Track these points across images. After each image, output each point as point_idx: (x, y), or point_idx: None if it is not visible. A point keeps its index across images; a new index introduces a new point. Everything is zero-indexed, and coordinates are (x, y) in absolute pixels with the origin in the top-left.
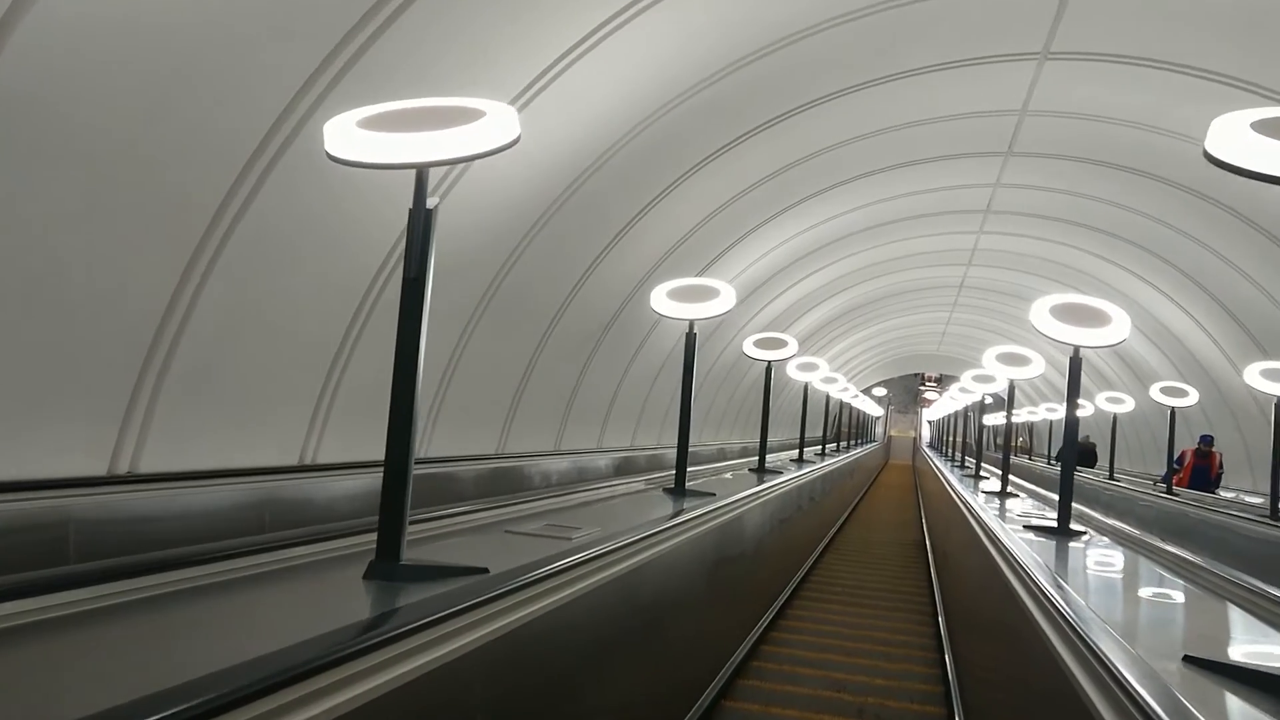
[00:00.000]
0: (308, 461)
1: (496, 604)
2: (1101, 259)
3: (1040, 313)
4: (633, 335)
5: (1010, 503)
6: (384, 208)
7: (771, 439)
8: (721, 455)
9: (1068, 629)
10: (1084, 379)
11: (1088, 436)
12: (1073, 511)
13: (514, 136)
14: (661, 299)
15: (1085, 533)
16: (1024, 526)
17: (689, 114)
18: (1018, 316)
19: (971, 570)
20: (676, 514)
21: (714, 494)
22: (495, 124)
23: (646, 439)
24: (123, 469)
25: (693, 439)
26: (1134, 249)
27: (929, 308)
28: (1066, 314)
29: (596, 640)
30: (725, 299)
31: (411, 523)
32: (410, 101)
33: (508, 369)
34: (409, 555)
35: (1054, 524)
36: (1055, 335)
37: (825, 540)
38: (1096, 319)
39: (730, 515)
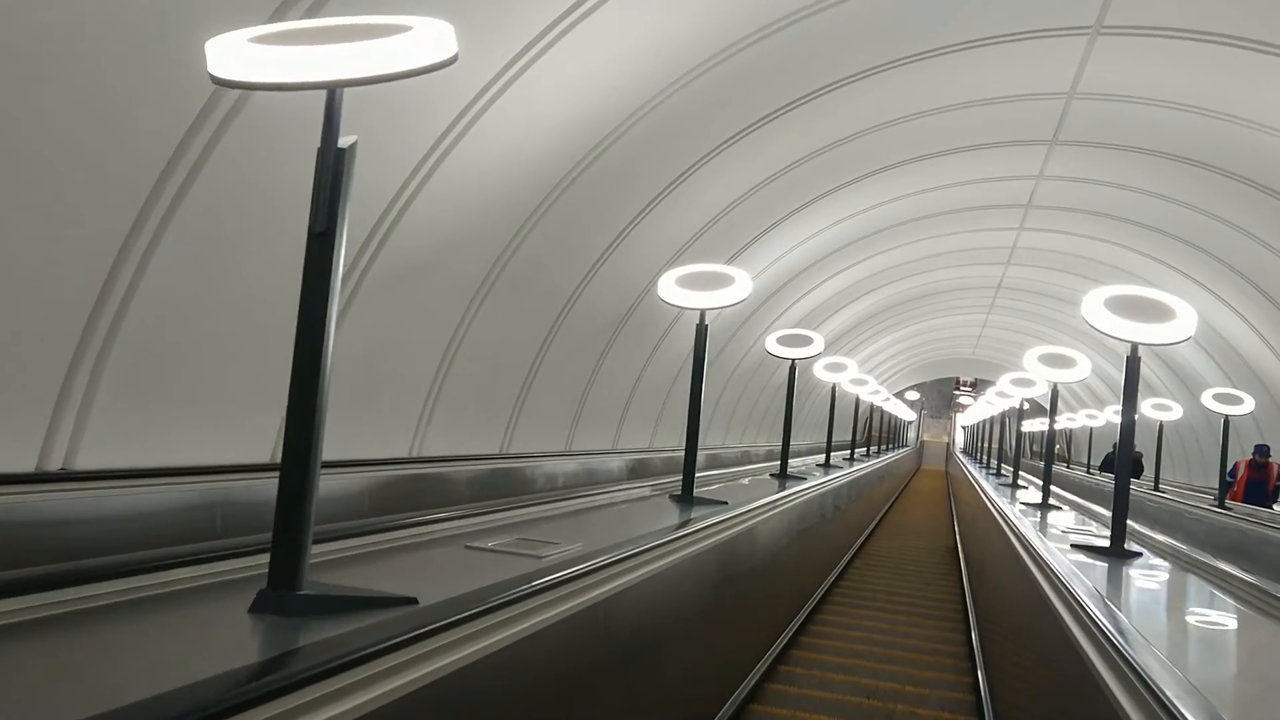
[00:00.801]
0: (280, 459)
1: (415, 647)
2: (1152, 259)
3: (1094, 305)
4: (652, 329)
5: (1052, 516)
6: (373, 175)
7: (800, 443)
8: (746, 458)
9: (1132, 676)
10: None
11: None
12: (1107, 520)
13: (450, 54)
14: (670, 287)
15: (1140, 554)
16: (1071, 545)
17: (709, 88)
18: (1059, 320)
19: (1010, 590)
20: (678, 525)
21: (725, 502)
22: (425, 38)
23: (667, 440)
24: (54, 465)
25: (716, 442)
26: (1188, 248)
27: (964, 309)
28: (1124, 307)
29: (559, 684)
30: (740, 287)
31: (360, 535)
32: (317, 20)
33: (513, 362)
34: (328, 578)
35: (1105, 543)
36: (1111, 331)
37: (853, 549)
38: (1158, 313)
39: (742, 526)
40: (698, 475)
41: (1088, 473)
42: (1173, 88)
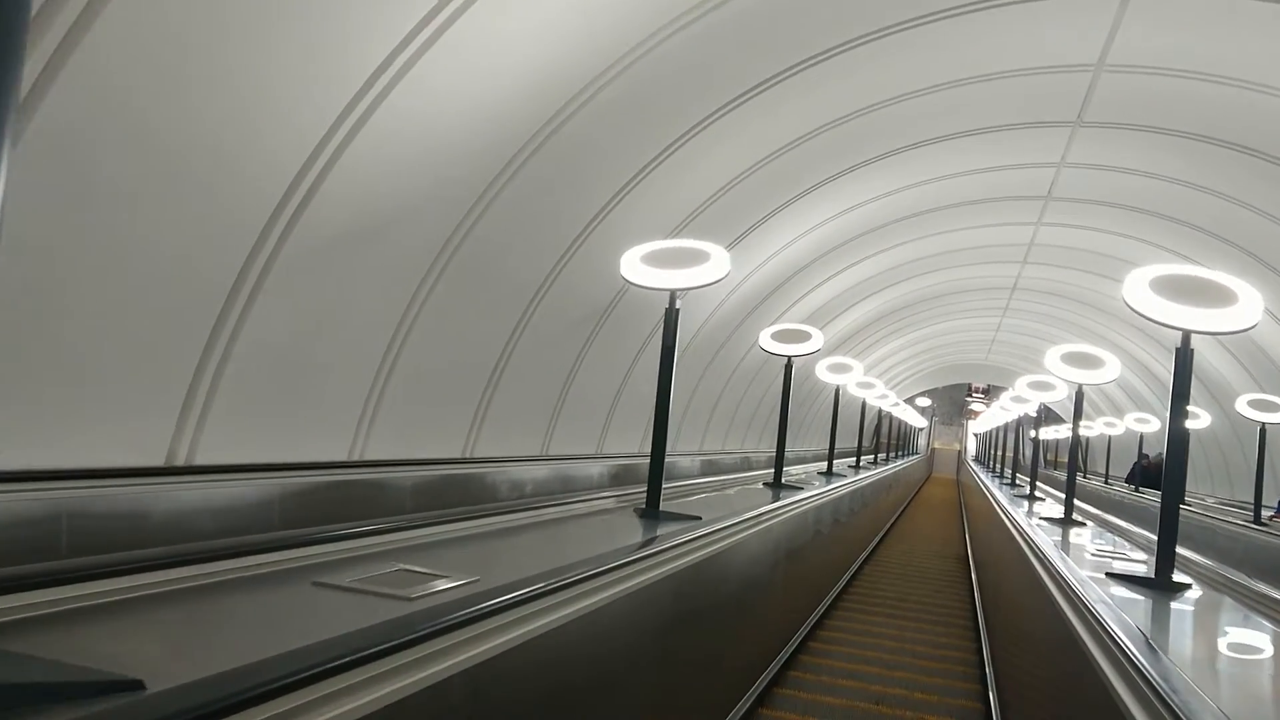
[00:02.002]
0: (179, 462)
1: None
2: (1180, 255)
3: (1138, 288)
4: (641, 321)
5: (1078, 534)
6: (301, 113)
7: (805, 449)
8: (745, 465)
9: None
10: (1144, 392)
11: (1161, 454)
12: (1139, 539)
13: None
14: (634, 265)
15: (1188, 585)
16: (1106, 574)
17: (698, 49)
18: (1079, 324)
19: (1028, 612)
20: (635, 546)
21: (698, 517)
22: None
23: None
24: None
25: (714, 447)
26: (1224, 245)
27: (977, 312)
28: (1173, 289)
29: None
30: (715, 265)
31: (181, 564)
32: None
33: (475, 357)
34: (51, 640)
35: (1144, 570)
36: (1160, 317)
37: (857, 563)
38: (1214, 296)
39: (713, 549)
40: (685, 484)
41: (1105, 484)
42: (1222, 57)
